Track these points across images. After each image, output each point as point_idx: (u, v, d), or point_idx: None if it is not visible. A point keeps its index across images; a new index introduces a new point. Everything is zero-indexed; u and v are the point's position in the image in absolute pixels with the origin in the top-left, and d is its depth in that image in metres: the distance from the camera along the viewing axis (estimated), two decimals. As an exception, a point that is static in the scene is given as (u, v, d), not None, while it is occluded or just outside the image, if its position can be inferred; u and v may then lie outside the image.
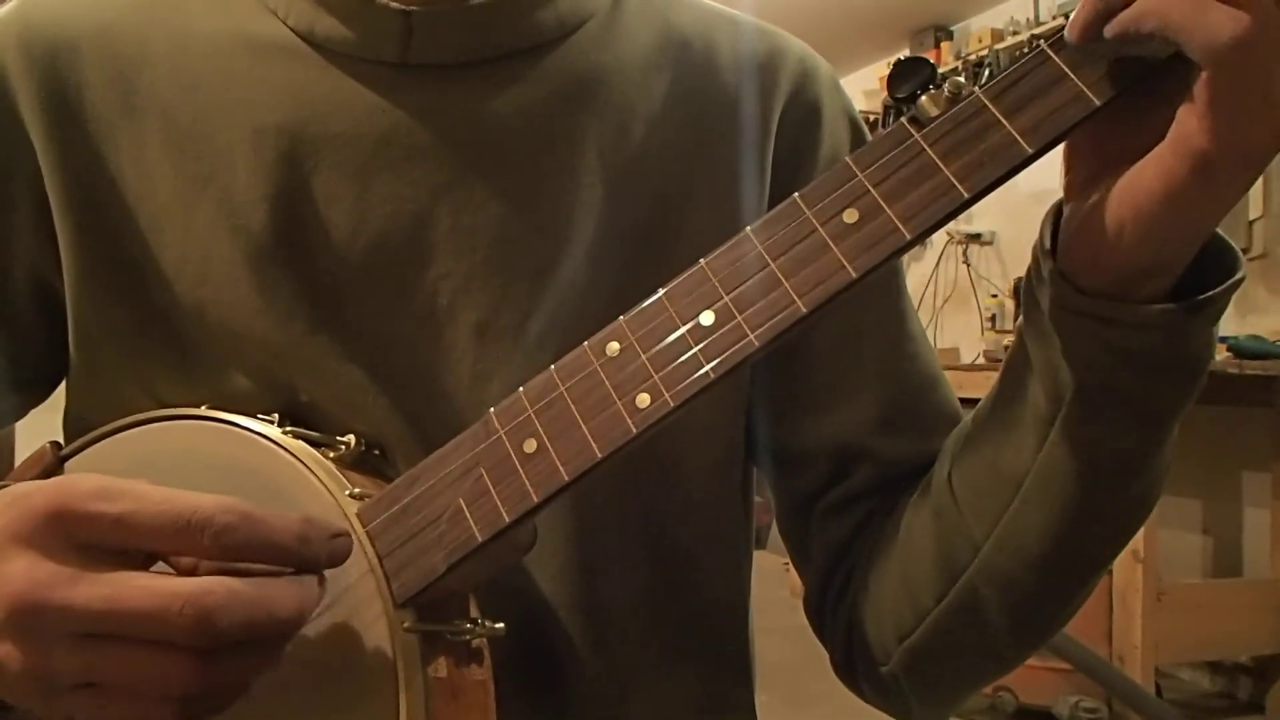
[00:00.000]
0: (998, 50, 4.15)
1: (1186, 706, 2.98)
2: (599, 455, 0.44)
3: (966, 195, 0.41)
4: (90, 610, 0.39)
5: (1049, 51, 0.42)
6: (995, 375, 0.53)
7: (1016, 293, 3.56)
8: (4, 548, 0.40)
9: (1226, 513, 3.27)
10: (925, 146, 0.42)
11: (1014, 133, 0.41)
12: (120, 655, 0.39)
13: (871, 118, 4.61)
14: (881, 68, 4.93)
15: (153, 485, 0.41)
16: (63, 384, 0.64)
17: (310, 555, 0.43)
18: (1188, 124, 0.39)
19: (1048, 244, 0.46)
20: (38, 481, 0.42)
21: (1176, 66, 0.39)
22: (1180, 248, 0.43)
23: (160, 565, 0.42)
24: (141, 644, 0.39)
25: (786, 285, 0.43)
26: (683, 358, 0.44)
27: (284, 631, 0.42)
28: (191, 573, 0.42)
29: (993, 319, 4.27)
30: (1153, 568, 2.65)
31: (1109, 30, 0.40)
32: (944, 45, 4.58)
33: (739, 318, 0.43)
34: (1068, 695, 2.67)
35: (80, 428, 0.58)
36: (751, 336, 0.43)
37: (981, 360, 4.03)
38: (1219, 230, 0.44)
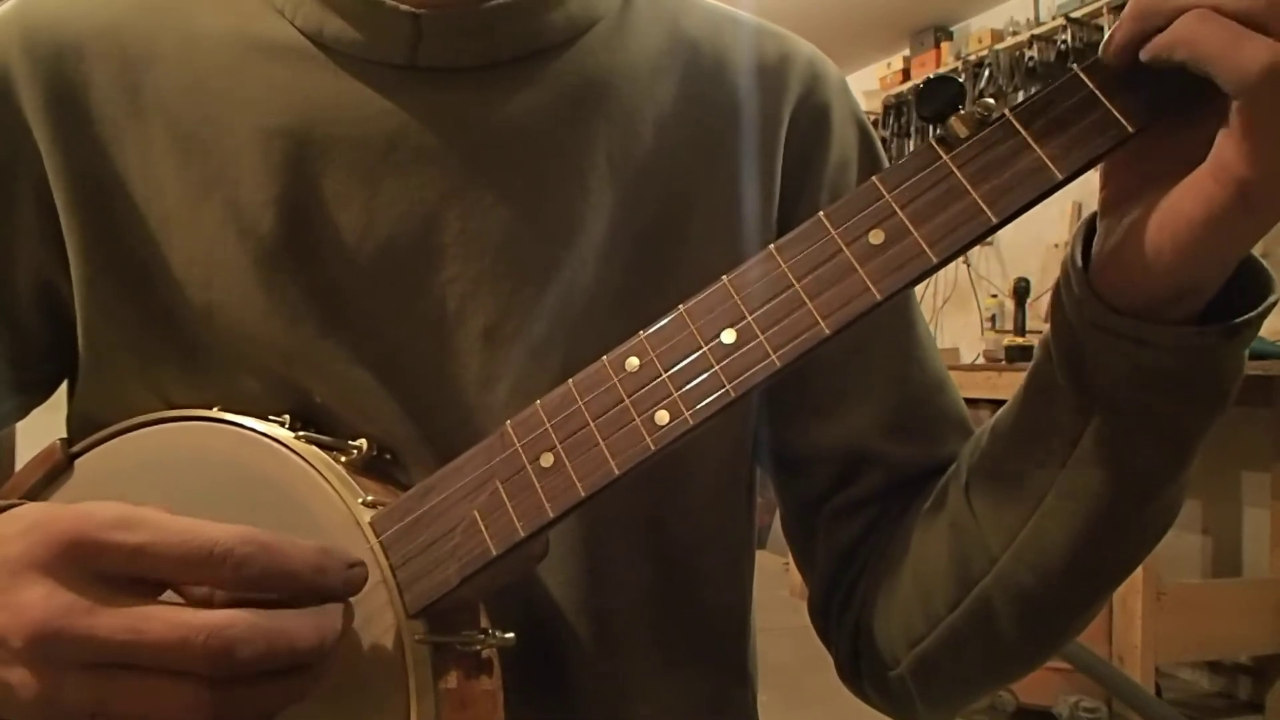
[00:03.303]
0: (998, 51, 4.13)
1: (1186, 706, 2.98)
2: (617, 472, 0.44)
3: (995, 220, 0.41)
4: (113, 640, 0.38)
5: (1082, 76, 0.41)
6: (995, 375, 0.53)
7: (1016, 293, 3.55)
8: (22, 574, 0.39)
9: (1226, 513, 3.27)
10: (954, 169, 0.42)
11: (1044, 158, 0.40)
12: (137, 686, 0.39)
13: (872, 118, 4.61)
14: (881, 68, 4.92)
15: (171, 514, 0.41)
16: (63, 385, 0.64)
17: (327, 585, 0.42)
18: (1226, 151, 0.38)
19: (1079, 260, 0.46)
20: (57, 506, 0.42)
21: (1213, 88, 0.38)
22: (1216, 272, 0.42)
23: (169, 594, 0.42)
24: (158, 675, 0.39)
25: (810, 306, 0.42)
26: (703, 376, 0.43)
27: (305, 663, 0.41)
28: (205, 601, 0.41)
29: (993, 319, 4.26)
30: (1153, 568, 2.65)
31: (1144, 54, 0.39)
32: (944, 45, 4.56)
33: (761, 337, 0.43)
34: (1068, 695, 2.67)
35: (86, 428, 0.58)
36: (774, 357, 0.42)
37: (981, 360, 4.01)
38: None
